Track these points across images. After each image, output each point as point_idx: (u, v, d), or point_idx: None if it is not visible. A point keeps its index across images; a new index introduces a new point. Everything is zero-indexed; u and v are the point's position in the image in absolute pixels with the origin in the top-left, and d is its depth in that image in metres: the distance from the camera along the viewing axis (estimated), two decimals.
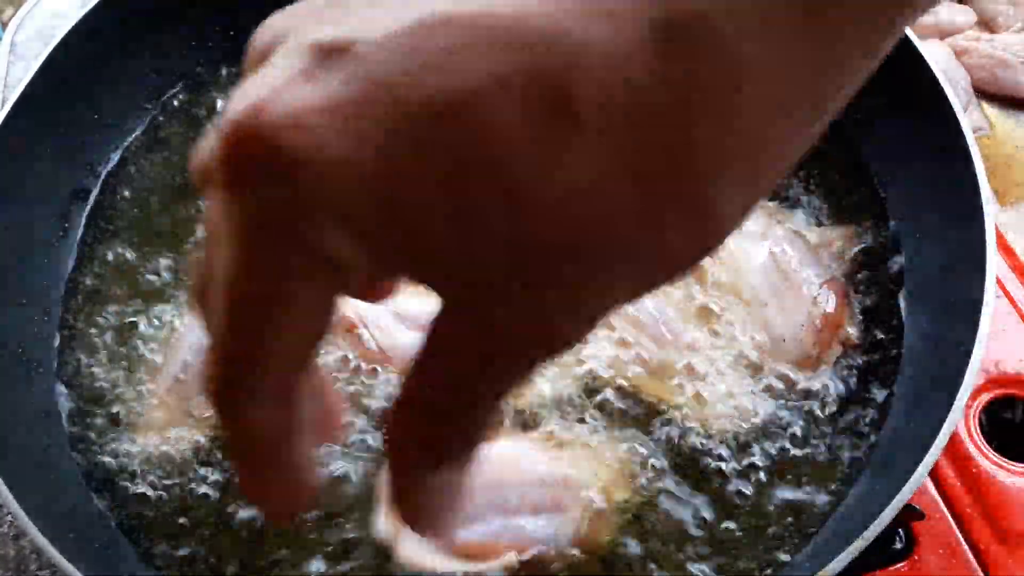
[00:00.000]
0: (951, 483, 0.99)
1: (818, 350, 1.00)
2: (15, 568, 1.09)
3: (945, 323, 0.97)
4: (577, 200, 0.30)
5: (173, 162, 1.17)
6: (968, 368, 0.85)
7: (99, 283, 1.08)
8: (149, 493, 0.95)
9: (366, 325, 0.99)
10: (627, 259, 0.32)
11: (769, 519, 0.91)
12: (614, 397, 0.97)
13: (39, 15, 1.56)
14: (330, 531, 0.91)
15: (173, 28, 1.20)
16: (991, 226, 0.93)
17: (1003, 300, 1.10)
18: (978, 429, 1.02)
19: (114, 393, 1.00)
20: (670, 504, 0.92)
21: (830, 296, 1.02)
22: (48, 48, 1.07)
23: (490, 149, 0.29)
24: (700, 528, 0.91)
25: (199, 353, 1.00)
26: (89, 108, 1.14)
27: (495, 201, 0.30)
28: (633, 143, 0.30)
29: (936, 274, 1.02)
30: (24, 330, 1.02)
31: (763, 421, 0.96)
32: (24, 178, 1.05)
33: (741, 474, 0.94)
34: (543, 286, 0.32)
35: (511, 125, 0.29)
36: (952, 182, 0.99)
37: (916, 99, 1.05)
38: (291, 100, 0.30)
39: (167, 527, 0.93)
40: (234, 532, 0.92)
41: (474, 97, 0.28)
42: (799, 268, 1.04)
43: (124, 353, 1.03)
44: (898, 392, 0.98)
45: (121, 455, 0.97)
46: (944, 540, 0.96)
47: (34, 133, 1.06)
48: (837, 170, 1.13)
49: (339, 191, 0.30)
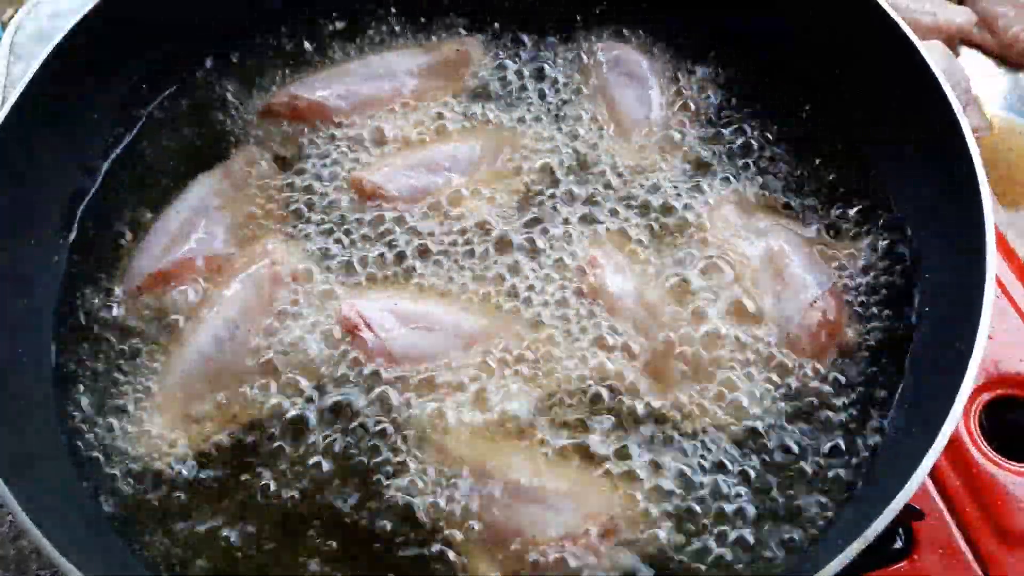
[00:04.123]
0: (951, 483, 0.99)
1: (816, 351, 1.00)
2: (15, 568, 1.09)
3: (945, 323, 0.97)
4: None
5: (171, 161, 1.18)
6: (968, 369, 0.85)
7: (98, 283, 1.08)
8: (149, 494, 0.95)
9: (368, 325, 0.99)
10: None
11: (768, 519, 0.91)
12: (608, 397, 0.97)
13: (39, 15, 1.57)
14: (325, 539, 0.92)
15: (171, 30, 1.20)
16: (991, 226, 0.93)
17: (1003, 300, 1.10)
18: (978, 429, 1.02)
19: (114, 394, 1.00)
20: (668, 503, 0.92)
21: (829, 300, 1.02)
22: (48, 48, 1.07)
23: None
24: (700, 526, 0.91)
25: (200, 355, 1.00)
26: (88, 108, 1.15)
27: None
28: None
29: (936, 275, 1.02)
30: (23, 329, 1.02)
31: (763, 421, 0.96)
32: (24, 175, 1.06)
33: (740, 475, 0.94)
34: None
35: None
36: (952, 182, 0.99)
37: (917, 100, 1.05)
38: None
39: (166, 527, 0.93)
40: (233, 533, 0.92)
41: None
42: (799, 271, 1.04)
43: (124, 355, 1.03)
44: (898, 393, 0.98)
45: (121, 456, 0.97)
46: (944, 540, 0.96)
47: (34, 132, 1.06)
48: (839, 171, 1.13)
49: None
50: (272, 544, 0.91)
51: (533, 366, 0.99)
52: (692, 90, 1.21)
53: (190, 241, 1.08)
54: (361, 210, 1.11)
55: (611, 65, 1.22)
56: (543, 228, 1.09)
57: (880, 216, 1.09)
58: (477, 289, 1.04)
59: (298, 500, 0.93)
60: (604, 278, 1.03)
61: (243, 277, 1.04)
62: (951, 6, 1.65)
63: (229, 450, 0.96)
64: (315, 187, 1.13)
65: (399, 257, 1.07)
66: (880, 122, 1.12)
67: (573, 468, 0.93)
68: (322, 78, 1.22)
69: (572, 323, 1.01)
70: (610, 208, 1.10)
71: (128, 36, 1.16)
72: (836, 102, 1.17)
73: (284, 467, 0.95)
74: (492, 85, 1.22)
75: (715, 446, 0.95)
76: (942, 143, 1.01)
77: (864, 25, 1.10)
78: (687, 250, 1.07)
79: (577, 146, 1.16)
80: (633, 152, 1.15)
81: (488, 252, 1.07)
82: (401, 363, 0.98)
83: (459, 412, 0.96)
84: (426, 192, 1.11)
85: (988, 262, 0.91)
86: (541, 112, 1.19)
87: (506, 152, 1.15)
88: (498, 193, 1.12)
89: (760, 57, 1.21)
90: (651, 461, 0.94)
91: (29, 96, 1.04)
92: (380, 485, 0.93)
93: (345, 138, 1.17)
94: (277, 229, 1.10)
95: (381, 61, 1.23)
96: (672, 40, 1.25)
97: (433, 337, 0.99)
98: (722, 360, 0.99)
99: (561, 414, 0.96)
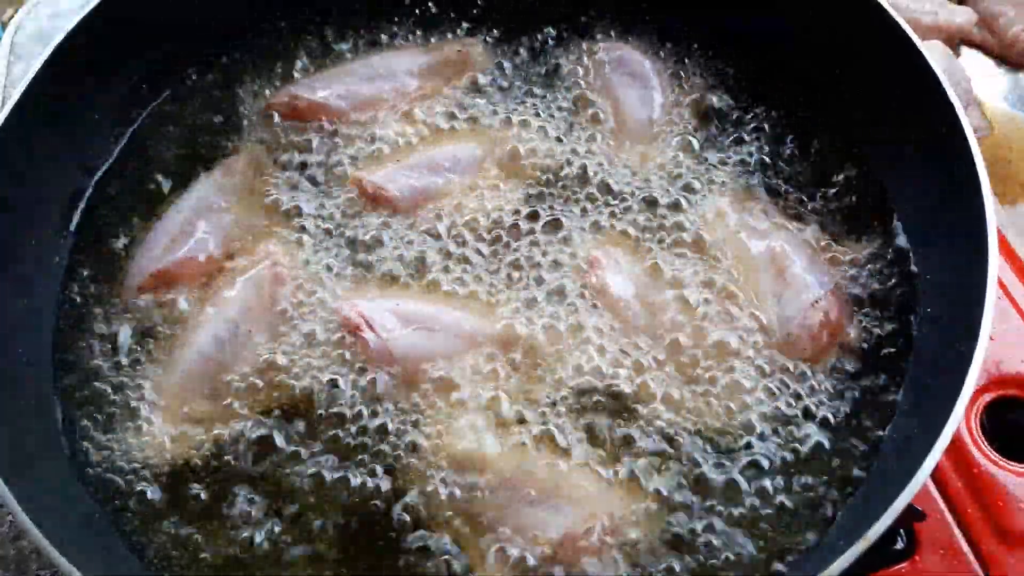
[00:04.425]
0: (952, 483, 0.99)
1: (817, 352, 1.00)
2: (15, 568, 1.09)
3: (946, 324, 0.97)
4: None
5: (169, 160, 1.18)
6: (969, 369, 0.85)
7: (98, 282, 1.08)
8: (149, 494, 0.95)
9: (370, 325, 0.99)
10: None
11: (770, 520, 0.91)
12: (608, 398, 0.97)
13: (39, 15, 1.57)
14: (326, 538, 0.92)
15: (171, 30, 1.20)
16: (993, 227, 0.93)
17: (1004, 300, 1.10)
18: (979, 430, 1.02)
19: (115, 394, 1.00)
20: (669, 504, 0.92)
21: (831, 301, 1.02)
22: (48, 48, 1.07)
23: None
24: (700, 527, 0.91)
25: (201, 355, 1.00)
26: (88, 108, 1.14)
27: None
28: None
29: (937, 275, 1.02)
30: (23, 328, 1.02)
31: (763, 421, 0.96)
32: (24, 175, 1.05)
33: (741, 475, 0.93)
34: None
35: None
36: (953, 182, 0.99)
37: (917, 100, 1.05)
38: None
39: (166, 527, 0.93)
40: (232, 533, 0.92)
41: None
42: (800, 271, 1.03)
43: (124, 354, 1.03)
44: (900, 394, 0.98)
45: (120, 457, 0.97)
46: (945, 540, 0.96)
47: (34, 132, 1.06)
48: (839, 171, 1.13)
49: None
50: (273, 544, 0.91)
51: (534, 366, 0.99)
52: (693, 90, 1.21)
53: (191, 241, 1.07)
54: (362, 210, 1.11)
55: (613, 65, 1.22)
56: (544, 228, 1.09)
57: (881, 216, 1.09)
58: (478, 289, 1.04)
59: (299, 499, 0.93)
60: (605, 278, 1.03)
61: (244, 278, 1.04)
62: (951, 6, 1.65)
63: (229, 450, 0.96)
64: (316, 187, 1.13)
65: (400, 258, 1.07)
66: (880, 122, 1.12)
67: (574, 468, 0.93)
68: (322, 78, 1.22)
69: (573, 323, 1.01)
70: (611, 209, 1.10)
71: (128, 36, 1.16)
72: (836, 102, 1.17)
73: (284, 467, 0.95)
74: (493, 86, 1.22)
75: (715, 446, 0.95)
76: (942, 143, 1.01)
77: (864, 25, 1.10)
78: (688, 250, 1.07)
79: (578, 147, 1.16)
80: (635, 152, 1.15)
81: (489, 252, 1.07)
82: (402, 363, 0.98)
83: (460, 412, 0.96)
84: (427, 192, 1.11)
85: (990, 262, 0.91)
86: (542, 112, 1.19)
87: (507, 153, 1.15)
88: (499, 194, 1.12)
89: (760, 57, 1.21)
90: (651, 461, 0.94)
91: (30, 96, 1.04)
92: (381, 485, 0.93)
93: (346, 138, 1.17)
94: (278, 230, 1.10)
95: (382, 61, 1.23)
96: (673, 40, 1.25)
97: (434, 337, 0.99)
98: (723, 360, 0.99)
99: (561, 414, 0.96)
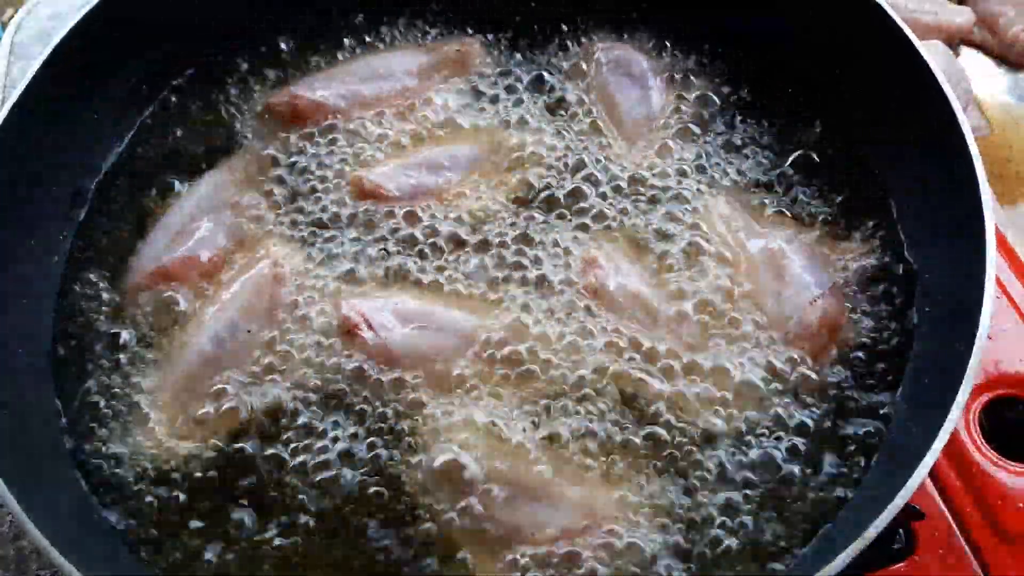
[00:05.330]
0: (951, 483, 0.99)
1: (815, 350, 1.00)
2: (15, 568, 1.09)
3: (945, 323, 0.97)
4: None
5: (169, 160, 1.18)
6: (968, 368, 0.85)
7: (98, 282, 1.08)
8: (148, 495, 0.95)
9: (369, 324, 0.99)
10: None
11: (768, 519, 0.92)
12: (607, 397, 0.97)
13: (39, 16, 1.57)
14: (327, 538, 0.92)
15: (171, 30, 1.20)
16: (991, 226, 0.93)
17: (1003, 300, 1.10)
18: (978, 429, 1.02)
19: (115, 394, 1.00)
20: (668, 504, 0.92)
21: (830, 299, 1.02)
22: (48, 48, 1.07)
23: None
24: (699, 527, 0.91)
25: (201, 355, 1.00)
26: (87, 108, 1.15)
27: None
28: None
29: (936, 275, 1.02)
30: (24, 329, 1.02)
31: (763, 420, 0.96)
32: (24, 175, 1.06)
33: (740, 475, 0.93)
34: None
35: None
36: (952, 182, 0.99)
37: (917, 100, 1.05)
38: None
39: (167, 527, 0.93)
40: (232, 534, 0.92)
41: None
42: (799, 270, 1.04)
43: (124, 354, 1.03)
44: (898, 392, 0.98)
45: (121, 457, 0.97)
46: (944, 540, 0.96)
47: (34, 132, 1.06)
48: (839, 171, 1.13)
49: None
50: (274, 544, 0.92)
51: (533, 365, 0.99)
52: (692, 90, 1.21)
53: (191, 240, 1.07)
54: (361, 210, 1.11)
55: (612, 65, 1.22)
56: (543, 228, 1.09)
57: (880, 216, 1.09)
58: (477, 289, 1.04)
59: (300, 499, 0.93)
60: (604, 278, 1.03)
61: (244, 277, 1.04)
62: (951, 6, 1.65)
63: (230, 450, 0.96)
64: (316, 187, 1.13)
65: (399, 257, 1.07)
66: (880, 122, 1.12)
67: (572, 467, 0.93)
68: (322, 78, 1.22)
69: (572, 323, 1.01)
70: (610, 208, 1.10)
71: (128, 36, 1.16)
72: (836, 102, 1.17)
73: (285, 467, 0.95)
74: (492, 85, 1.22)
75: (714, 445, 0.95)
76: (942, 143, 1.01)
77: (864, 25, 1.10)
78: (687, 250, 1.07)
79: (577, 146, 1.16)
80: (633, 152, 1.15)
81: (488, 252, 1.07)
82: (402, 362, 0.98)
83: (459, 411, 0.96)
84: (426, 191, 1.11)
85: (988, 262, 0.91)
86: (541, 112, 1.19)
87: (506, 152, 1.15)
88: (498, 193, 1.12)
89: (760, 57, 1.21)
90: (651, 461, 0.94)
91: (29, 96, 1.04)
92: (381, 485, 0.93)
93: (345, 138, 1.17)
94: (278, 229, 1.10)
95: (381, 61, 1.23)
96: (672, 40, 1.25)
97: (433, 336, 1.00)
98: (721, 359, 0.99)
99: (560, 413, 0.96)
